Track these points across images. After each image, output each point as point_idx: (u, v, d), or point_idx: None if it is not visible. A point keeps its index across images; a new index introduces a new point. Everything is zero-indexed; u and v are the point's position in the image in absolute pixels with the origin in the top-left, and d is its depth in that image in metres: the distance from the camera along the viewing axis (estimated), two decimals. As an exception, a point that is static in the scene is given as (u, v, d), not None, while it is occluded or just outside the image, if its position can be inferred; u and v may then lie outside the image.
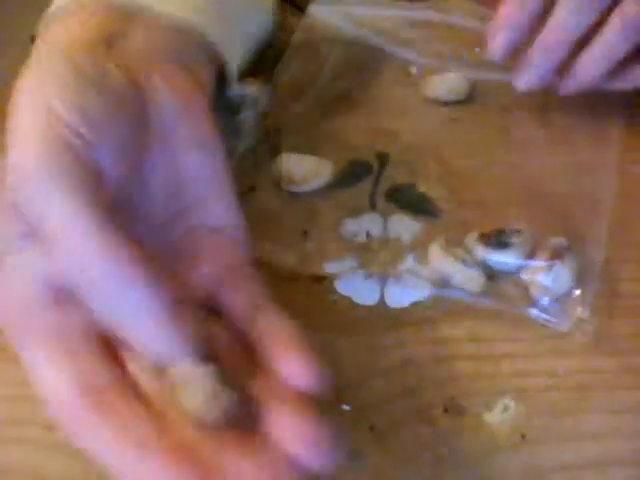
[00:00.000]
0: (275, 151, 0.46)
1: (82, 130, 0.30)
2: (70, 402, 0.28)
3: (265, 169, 0.45)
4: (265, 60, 0.49)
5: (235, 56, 0.42)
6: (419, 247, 0.41)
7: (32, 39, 0.37)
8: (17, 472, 0.35)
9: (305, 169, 0.44)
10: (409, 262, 0.41)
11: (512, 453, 0.34)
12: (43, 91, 0.30)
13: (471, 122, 0.48)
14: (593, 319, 0.38)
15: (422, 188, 0.44)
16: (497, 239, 0.39)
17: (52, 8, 0.38)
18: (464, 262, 0.39)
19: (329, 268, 0.41)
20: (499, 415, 0.35)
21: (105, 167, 0.30)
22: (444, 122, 0.48)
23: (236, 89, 0.42)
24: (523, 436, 0.35)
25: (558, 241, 0.39)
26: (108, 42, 0.34)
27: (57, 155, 0.29)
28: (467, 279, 0.39)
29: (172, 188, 0.34)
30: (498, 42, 0.44)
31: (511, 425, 0.35)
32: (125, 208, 0.32)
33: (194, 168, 0.34)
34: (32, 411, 0.36)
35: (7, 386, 0.37)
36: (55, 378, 0.29)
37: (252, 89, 0.43)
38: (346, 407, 0.36)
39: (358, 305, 0.40)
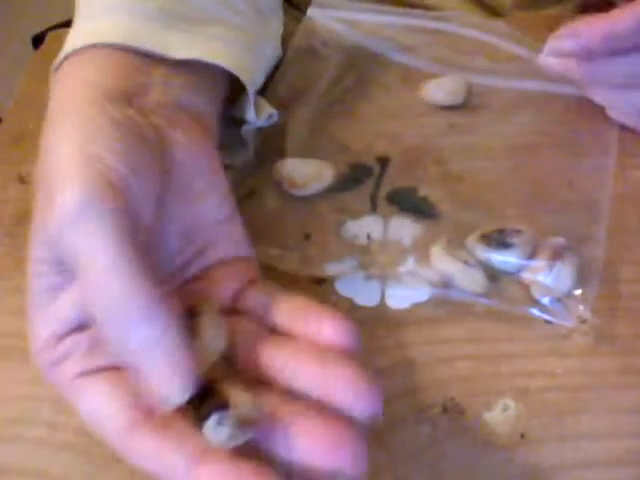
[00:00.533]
0: (276, 154, 0.46)
1: (121, 170, 0.31)
2: (128, 429, 0.30)
3: (266, 172, 0.45)
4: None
5: (258, 84, 0.44)
6: (420, 249, 0.41)
7: (32, 39, 0.37)
8: (17, 472, 0.35)
9: (306, 172, 0.45)
10: (409, 264, 0.41)
11: (512, 453, 0.34)
12: (85, 139, 0.31)
13: (470, 125, 0.48)
14: (593, 320, 0.38)
15: (423, 191, 0.44)
16: (498, 239, 0.40)
17: (67, 48, 0.38)
18: (466, 263, 0.39)
19: (330, 270, 0.41)
20: (499, 415, 0.36)
21: (140, 209, 0.32)
22: (443, 125, 0.48)
23: (252, 116, 0.43)
24: (523, 436, 0.35)
25: (558, 241, 0.40)
26: (130, 94, 0.35)
27: (100, 193, 0.30)
28: (469, 280, 0.39)
29: (188, 234, 0.35)
30: (562, 44, 0.42)
31: (511, 425, 0.35)
32: (149, 252, 0.33)
33: (209, 214, 0.36)
34: (33, 411, 0.36)
35: (8, 386, 0.38)
36: (110, 408, 0.31)
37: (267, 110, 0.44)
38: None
39: (359, 306, 0.40)
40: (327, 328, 0.31)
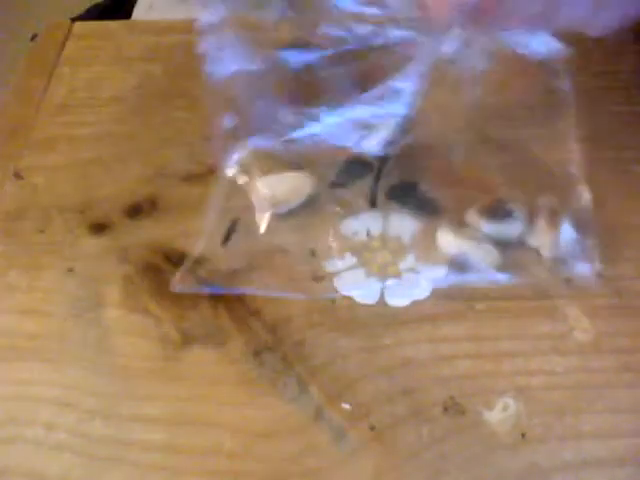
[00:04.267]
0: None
1: None
2: None
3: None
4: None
5: None
6: (420, 245, 0.41)
7: (32, 39, 0.37)
8: (17, 472, 0.35)
9: (286, 188, 0.44)
10: (409, 261, 0.41)
11: (512, 452, 0.34)
12: None
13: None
14: (593, 318, 0.38)
15: (423, 186, 0.44)
16: (499, 209, 0.40)
17: None
18: (475, 239, 0.39)
19: (329, 267, 0.41)
20: (499, 414, 0.35)
21: None
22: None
23: None
24: (523, 435, 0.35)
25: (548, 200, 0.40)
26: None
27: None
28: (484, 254, 0.39)
29: None
30: None
31: (511, 424, 0.35)
32: None
33: None
34: (32, 411, 0.36)
35: (7, 386, 0.37)
36: None
37: None
38: (346, 406, 0.36)
39: (358, 304, 0.40)
40: None
